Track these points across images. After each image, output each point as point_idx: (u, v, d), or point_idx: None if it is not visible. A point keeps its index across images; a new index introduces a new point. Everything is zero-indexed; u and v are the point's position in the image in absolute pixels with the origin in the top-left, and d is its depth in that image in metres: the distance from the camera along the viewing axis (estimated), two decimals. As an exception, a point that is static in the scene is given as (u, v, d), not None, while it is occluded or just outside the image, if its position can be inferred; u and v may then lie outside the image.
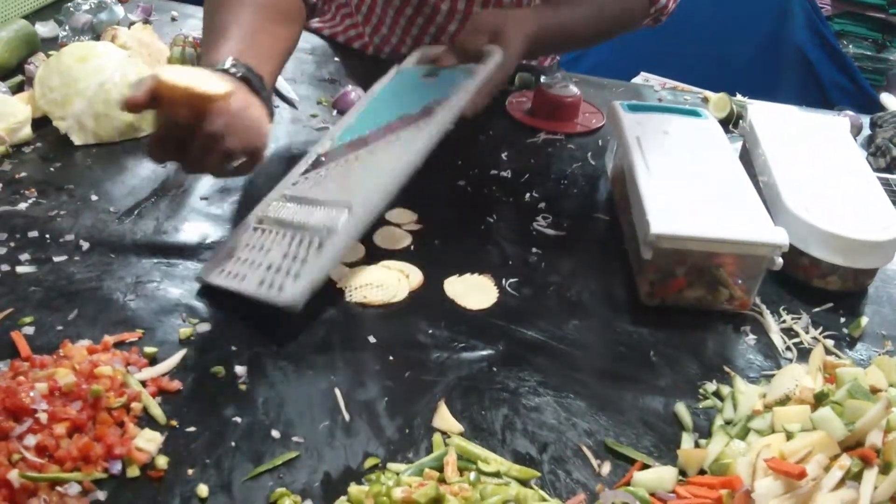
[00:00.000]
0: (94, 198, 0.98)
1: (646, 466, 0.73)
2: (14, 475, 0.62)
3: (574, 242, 1.02)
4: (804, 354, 0.87)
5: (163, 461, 0.68)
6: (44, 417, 0.66)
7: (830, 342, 0.91)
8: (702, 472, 0.72)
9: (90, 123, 1.05)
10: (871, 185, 1.03)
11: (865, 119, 1.39)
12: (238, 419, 0.73)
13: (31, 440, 0.65)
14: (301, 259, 0.83)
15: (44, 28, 1.30)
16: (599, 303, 0.93)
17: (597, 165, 1.19)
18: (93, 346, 0.76)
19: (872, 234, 0.94)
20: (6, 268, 0.85)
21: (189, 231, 0.95)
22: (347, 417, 0.74)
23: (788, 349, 0.89)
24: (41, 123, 1.08)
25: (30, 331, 0.78)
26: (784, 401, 0.76)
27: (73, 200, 0.97)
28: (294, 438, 0.72)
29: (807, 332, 0.91)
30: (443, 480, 0.67)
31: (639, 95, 1.45)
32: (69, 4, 1.31)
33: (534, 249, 1.00)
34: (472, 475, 0.67)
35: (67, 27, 1.29)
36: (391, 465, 0.70)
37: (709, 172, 0.98)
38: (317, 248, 0.83)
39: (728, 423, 0.77)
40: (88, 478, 0.65)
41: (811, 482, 0.65)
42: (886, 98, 1.57)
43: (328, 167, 0.93)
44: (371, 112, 1.00)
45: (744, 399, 0.79)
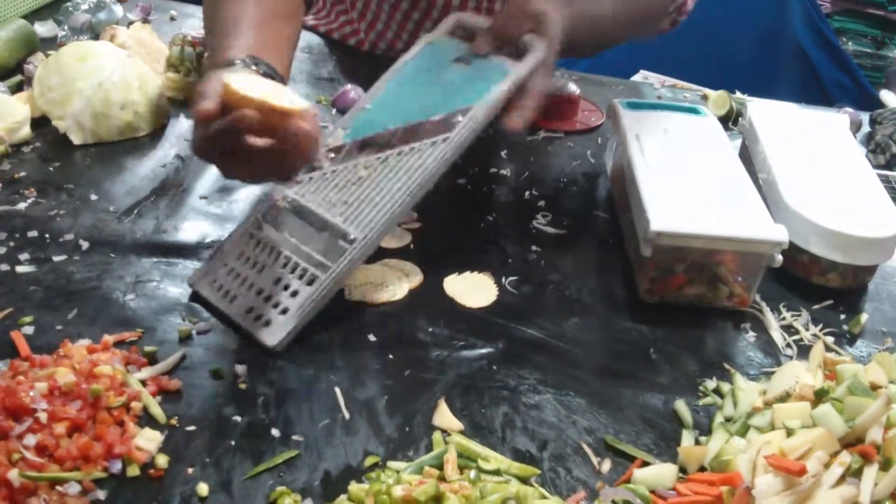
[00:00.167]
0: (94, 197, 0.98)
1: (646, 464, 0.73)
2: (14, 475, 0.62)
3: (574, 240, 1.02)
4: (804, 351, 0.87)
5: (163, 460, 0.68)
6: (44, 417, 0.66)
7: (830, 339, 0.91)
8: (702, 470, 0.72)
9: (89, 123, 1.05)
10: (871, 182, 1.03)
11: (865, 116, 1.39)
12: (238, 418, 0.73)
13: (31, 440, 0.65)
14: (292, 291, 0.80)
15: (42, 28, 1.30)
16: (599, 300, 0.93)
17: (596, 163, 1.19)
18: (92, 346, 0.76)
19: (872, 231, 0.94)
20: (6, 267, 0.85)
21: (189, 230, 0.95)
22: (347, 416, 0.74)
23: (788, 346, 0.89)
24: (40, 123, 1.07)
25: (29, 330, 0.78)
26: (784, 398, 0.76)
27: (73, 200, 0.97)
28: (294, 437, 0.72)
29: (807, 329, 0.91)
30: (443, 478, 0.67)
31: (638, 93, 1.45)
32: (68, 4, 1.31)
33: (533, 247, 1.00)
34: (472, 473, 0.67)
35: (66, 27, 1.29)
36: (391, 464, 0.70)
37: (708, 170, 0.98)
38: (307, 284, 0.80)
39: (728, 421, 0.77)
40: (88, 477, 0.65)
41: (811, 479, 0.65)
42: (886, 95, 1.57)
43: (336, 168, 0.88)
44: (392, 99, 0.92)
45: (744, 396, 0.79)
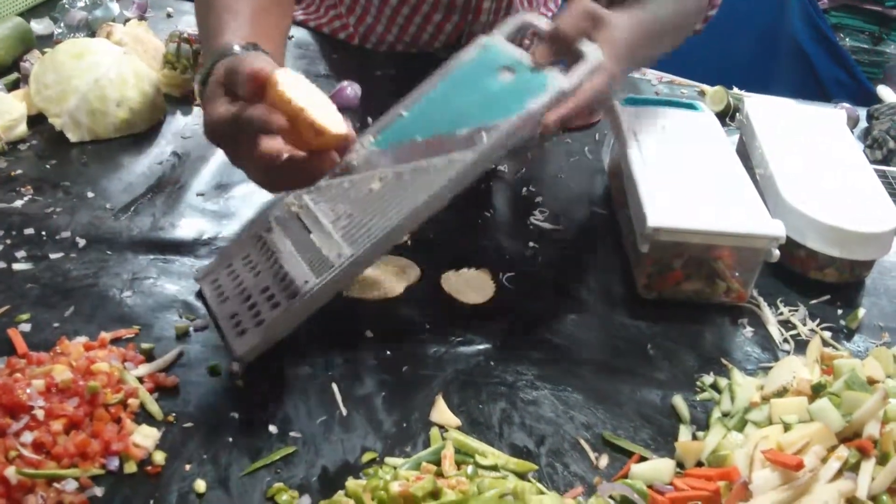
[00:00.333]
0: (91, 195, 0.98)
1: (643, 459, 0.73)
2: (11, 472, 0.62)
3: (571, 236, 1.02)
4: (801, 346, 0.87)
5: (160, 457, 0.68)
6: (41, 414, 0.66)
7: (828, 334, 0.91)
8: (699, 465, 0.73)
9: (85, 120, 1.05)
10: (868, 177, 1.03)
11: (862, 111, 1.39)
12: (235, 414, 0.73)
13: (28, 437, 0.65)
14: (273, 303, 0.77)
15: (39, 25, 1.30)
16: (597, 296, 0.93)
17: (593, 159, 1.19)
18: (89, 343, 0.76)
19: (869, 226, 0.94)
20: (2, 265, 0.85)
21: (185, 227, 0.94)
22: (345, 412, 0.74)
23: (786, 341, 0.89)
24: (37, 121, 1.07)
25: (26, 328, 0.78)
26: (781, 392, 0.76)
27: (69, 197, 0.97)
28: (291, 433, 0.72)
29: (804, 324, 0.91)
30: (440, 474, 0.67)
31: (635, 89, 1.44)
32: (64, 1, 1.31)
33: (531, 244, 0.99)
34: (470, 469, 0.67)
35: (62, 24, 1.29)
36: (389, 460, 0.70)
37: (706, 165, 0.98)
38: (289, 297, 0.76)
39: (725, 416, 0.77)
40: (85, 474, 0.65)
41: (808, 473, 0.65)
42: (883, 90, 1.57)
43: (353, 178, 0.84)
44: (427, 107, 0.87)
45: (741, 391, 0.79)
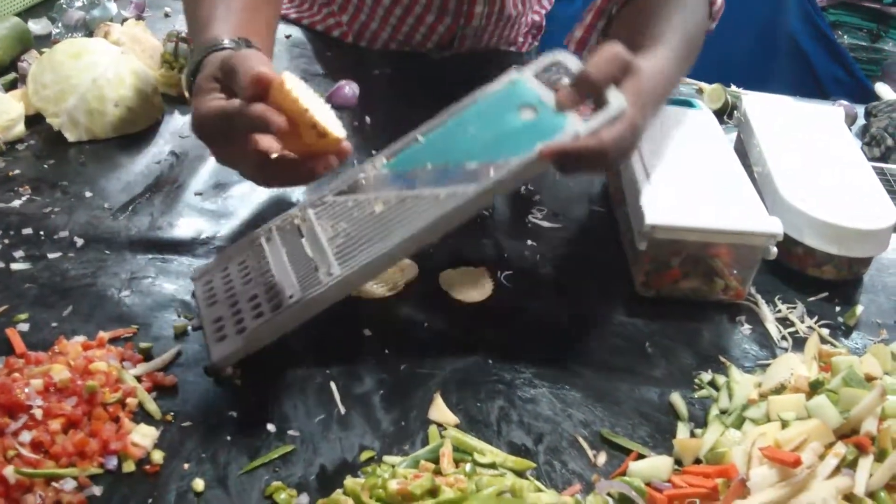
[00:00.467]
0: (89, 194, 0.98)
1: (641, 456, 0.73)
2: (9, 471, 0.62)
3: (569, 235, 1.02)
4: (799, 344, 0.87)
5: (158, 456, 0.68)
6: (39, 413, 0.67)
7: (826, 331, 0.91)
8: (697, 462, 0.73)
9: (83, 120, 1.05)
10: (866, 175, 1.03)
11: (860, 109, 1.39)
12: (233, 413, 0.73)
13: (27, 436, 0.65)
14: (257, 313, 0.77)
15: (36, 25, 1.29)
16: (595, 294, 0.93)
17: (592, 157, 1.19)
18: (88, 343, 0.76)
19: (867, 223, 0.94)
20: (0, 265, 0.85)
21: (184, 227, 0.94)
22: (343, 410, 0.74)
23: (784, 338, 0.89)
24: (34, 121, 1.07)
25: (24, 327, 0.78)
26: (779, 390, 0.76)
27: (67, 197, 0.97)
28: (289, 432, 0.72)
29: (802, 322, 0.92)
30: (438, 472, 0.67)
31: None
32: (62, 1, 1.31)
33: (529, 242, 1.00)
34: (468, 467, 0.67)
35: (60, 24, 1.29)
36: (387, 458, 0.70)
37: (703, 163, 0.98)
38: (273, 308, 0.76)
39: (723, 413, 0.78)
40: (84, 473, 0.65)
41: (806, 470, 0.65)
42: (881, 88, 1.57)
43: (359, 197, 0.83)
44: (444, 136, 0.84)
45: (739, 388, 0.79)
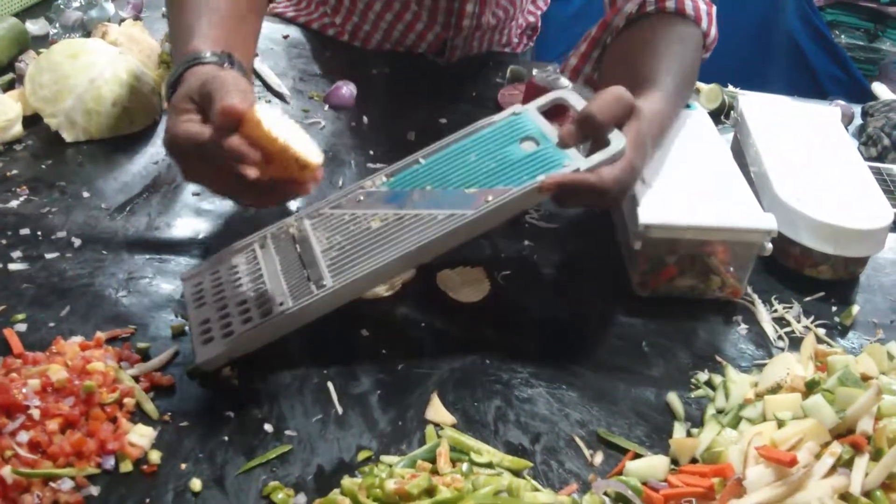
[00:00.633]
0: (86, 194, 0.98)
1: (638, 456, 0.74)
2: (7, 471, 0.62)
3: (566, 235, 1.03)
4: (795, 343, 0.88)
5: (156, 456, 0.68)
6: (36, 414, 0.67)
7: (822, 331, 0.91)
8: (694, 461, 0.73)
9: (81, 120, 1.05)
10: (863, 175, 1.03)
11: (857, 108, 1.39)
12: (231, 413, 0.73)
13: (24, 436, 0.65)
14: (246, 318, 0.77)
15: (34, 26, 1.29)
16: (591, 294, 0.93)
17: (589, 157, 1.19)
18: (85, 343, 0.76)
19: (863, 223, 0.94)
20: (-2, 265, 0.86)
21: (181, 227, 0.95)
22: (340, 410, 0.75)
23: (780, 338, 0.89)
24: (32, 121, 1.07)
25: (22, 328, 0.78)
26: (775, 389, 0.76)
27: (65, 197, 0.97)
28: (287, 432, 0.72)
29: (798, 321, 0.92)
30: (435, 472, 0.67)
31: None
32: (59, 2, 1.31)
33: (526, 242, 1.00)
34: (465, 466, 0.68)
35: (58, 25, 1.29)
36: (384, 458, 0.70)
37: (698, 163, 0.98)
38: (263, 315, 0.77)
39: (720, 412, 0.78)
40: (81, 473, 0.65)
41: (802, 469, 0.66)
42: (878, 87, 1.57)
43: (357, 212, 0.84)
44: (446, 160, 0.86)
45: (735, 388, 0.79)
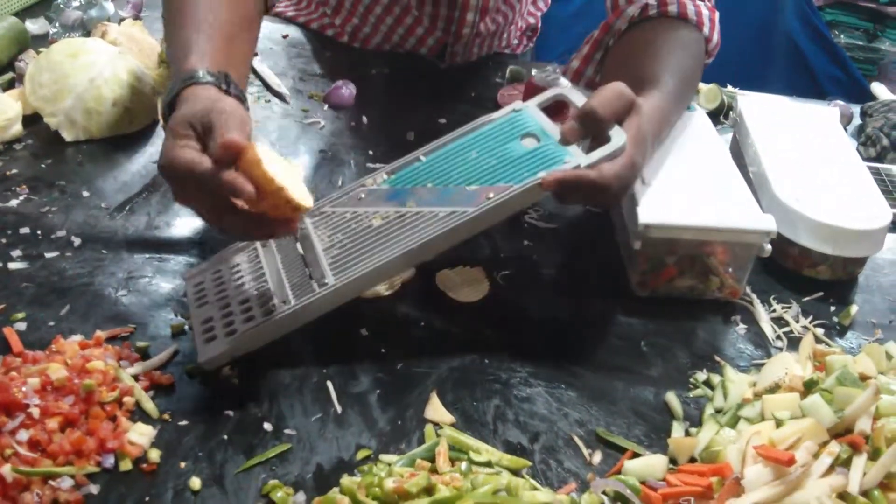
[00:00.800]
0: (86, 194, 0.98)
1: (636, 455, 0.74)
2: (6, 470, 0.62)
3: (565, 235, 1.03)
4: (794, 343, 0.88)
5: (155, 454, 0.68)
6: (36, 412, 0.67)
7: (820, 331, 0.91)
8: (692, 461, 0.73)
9: (81, 119, 1.05)
10: (861, 175, 1.03)
11: (856, 108, 1.39)
12: (230, 412, 0.73)
13: (24, 435, 0.65)
14: (248, 317, 0.78)
15: (34, 25, 1.30)
16: (591, 294, 0.93)
17: (588, 157, 1.19)
18: (85, 342, 0.76)
19: (862, 224, 0.95)
20: (-2, 264, 0.86)
21: (181, 226, 0.95)
22: (339, 409, 0.75)
23: (778, 338, 0.90)
24: (32, 120, 1.07)
25: (22, 326, 0.78)
26: (774, 389, 0.76)
27: (65, 197, 0.97)
28: (286, 431, 0.72)
29: (797, 321, 0.92)
30: (434, 471, 0.67)
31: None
32: (59, 1, 1.31)
33: (525, 242, 1.00)
34: (464, 465, 0.68)
35: (58, 24, 1.29)
36: (383, 457, 0.70)
37: (697, 163, 0.98)
38: (265, 314, 0.77)
39: (718, 412, 0.78)
40: (81, 472, 0.65)
41: (800, 469, 0.66)
42: (877, 88, 1.57)
43: (358, 210, 0.84)
44: (446, 157, 0.86)
45: (734, 388, 0.79)
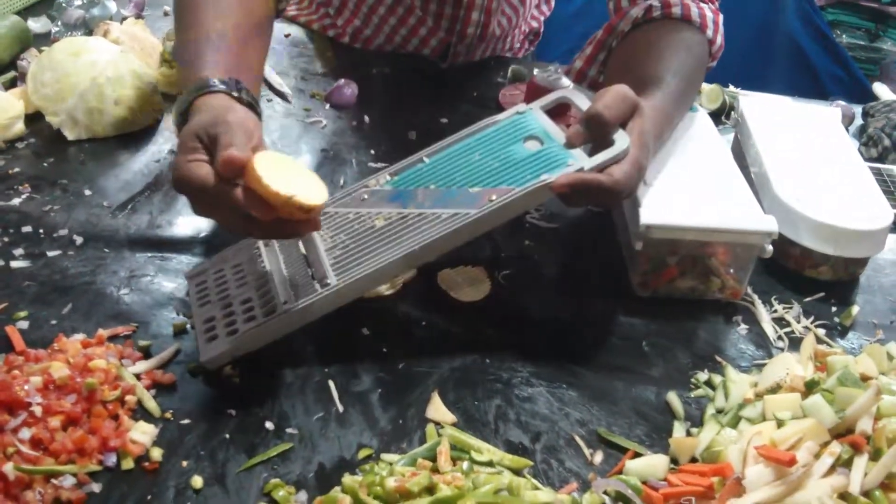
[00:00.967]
0: (88, 192, 0.98)
1: (638, 455, 0.74)
2: (9, 468, 0.62)
3: (567, 234, 1.03)
4: (795, 344, 0.88)
5: (157, 453, 0.68)
6: (38, 411, 0.67)
7: (821, 331, 0.91)
8: (693, 461, 0.73)
9: (83, 118, 1.05)
10: (863, 175, 1.03)
11: (858, 109, 1.39)
12: (232, 411, 0.73)
13: (26, 433, 0.66)
14: (249, 316, 0.78)
15: (36, 24, 1.30)
16: (592, 294, 0.93)
17: (590, 157, 1.19)
18: (87, 340, 0.77)
19: (863, 224, 0.95)
20: (0, 263, 0.86)
21: (183, 225, 0.95)
22: (341, 409, 0.75)
23: (780, 338, 0.90)
24: (34, 119, 1.07)
25: (24, 325, 0.79)
26: (775, 389, 0.76)
27: (67, 195, 0.97)
28: (288, 430, 0.72)
29: (798, 322, 0.92)
30: (436, 470, 0.67)
31: (632, 87, 1.44)
32: (61, 0, 1.31)
33: (527, 242, 1.00)
34: (465, 465, 0.68)
35: (60, 23, 1.29)
36: (385, 456, 0.70)
37: (699, 164, 0.98)
38: (266, 313, 0.77)
39: (719, 412, 0.78)
40: (83, 470, 0.65)
41: (801, 469, 0.66)
42: (879, 88, 1.57)
43: (361, 211, 0.84)
44: (449, 159, 0.87)
45: (735, 388, 0.79)
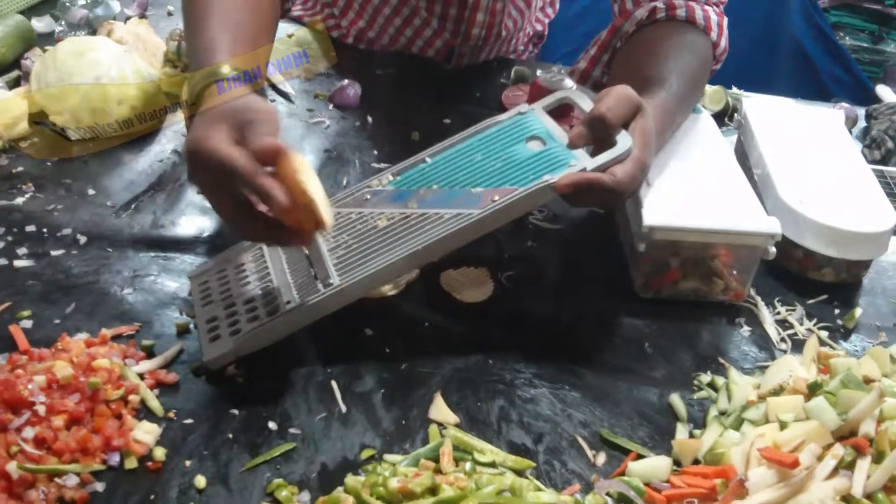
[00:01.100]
0: (92, 192, 0.98)
1: (640, 457, 0.74)
2: (13, 467, 0.63)
3: (569, 236, 1.03)
4: (798, 346, 0.88)
5: (160, 453, 0.68)
6: (42, 410, 0.67)
7: (825, 333, 0.91)
8: (696, 462, 0.73)
9: (86, 118, 1.05)
10: (866, 178, 1.03)
11: (861, 111, 1.39)
12: (235, 411, 0.73)
13: (30, 432, 0.66)
14: (252, 316, 0.78)
15: (40, 23, 1.30)
16: (595, 295, 0.93)
17: (593, 158, 1.19)
18: (90, 340, 0.77)
19: (867, 226, 0.95)
20: (4, 262, 0.86)
21: (186, 225, 0.95)
22: (344, 409, 0.75)
23: (783, 340, 0.90)
24: (38, 118, 1.08)
25: (28, 324, 0.79)
26: (778, 391, 0.76)
27: (71, 195, 0.97)
28: (291, 430, 0.72)
29: (801, 324, 0.92)
30: (439, 471, 0.67)
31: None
32: (65, 0, 1.32)
33: (529, 243, 1.00)
34: (468, 465, 0.68)
35: (63, 22, 1.29)
36: (387, 456, 0.70)
37: (702, 165, 0.98)
38: (269, 313, 0.78)
39: (722, 414, 0.78)
40: (86, 469, 0.65)
41: (804, 471, 0.66)
42: (882, 90, 1.57)
43: (364, 211, 0.84)
44: (451, 159, 0.87)
45: (738, 390, 0.79)
